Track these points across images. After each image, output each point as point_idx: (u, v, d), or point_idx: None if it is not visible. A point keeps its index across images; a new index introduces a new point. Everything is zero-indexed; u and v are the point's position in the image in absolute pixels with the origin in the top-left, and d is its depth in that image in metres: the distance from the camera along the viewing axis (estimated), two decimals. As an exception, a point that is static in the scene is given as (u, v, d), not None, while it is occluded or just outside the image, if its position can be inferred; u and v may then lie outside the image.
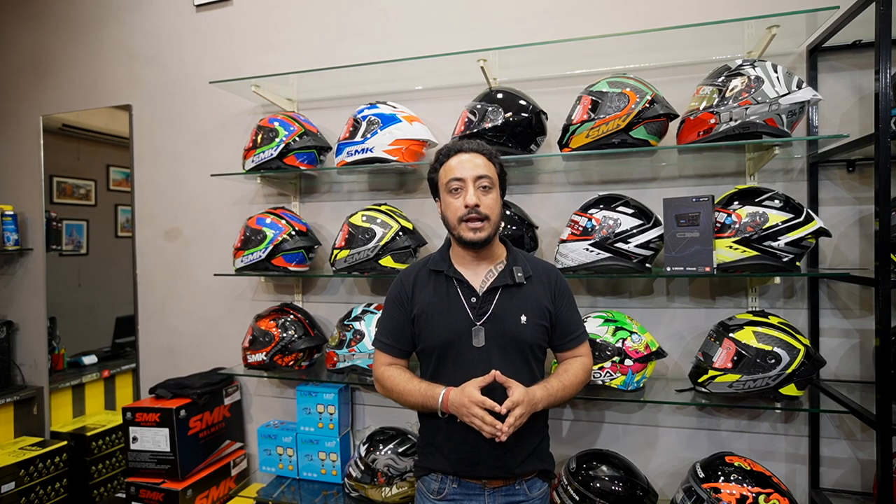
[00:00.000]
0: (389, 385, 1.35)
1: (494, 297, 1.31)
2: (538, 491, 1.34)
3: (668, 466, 1.85)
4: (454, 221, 1.30)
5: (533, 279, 1.35)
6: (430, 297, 1.34)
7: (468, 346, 1.28)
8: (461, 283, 1.33)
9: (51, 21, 2.71)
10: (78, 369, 2.73)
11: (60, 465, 2.46)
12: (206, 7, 2.42)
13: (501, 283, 1.32)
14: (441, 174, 1.34)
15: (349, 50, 2.17)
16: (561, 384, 1.30)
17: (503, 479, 1.30)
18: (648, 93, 1.56)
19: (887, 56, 1.26)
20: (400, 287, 1.39)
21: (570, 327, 1.39)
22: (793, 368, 1.45)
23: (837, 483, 1.70)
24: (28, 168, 2.72)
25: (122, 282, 2.59)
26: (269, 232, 1.99)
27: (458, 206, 1.28)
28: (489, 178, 1.29)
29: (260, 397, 2.35)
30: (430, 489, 1.34)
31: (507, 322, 1.29)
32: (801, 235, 1.45)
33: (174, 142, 2.49)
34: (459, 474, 1.31)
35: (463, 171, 1.28)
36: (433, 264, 1.38)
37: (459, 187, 1.29)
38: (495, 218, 1.30)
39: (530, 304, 1.32)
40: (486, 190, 1.29)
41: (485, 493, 1.30)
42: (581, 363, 1.38)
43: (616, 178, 1.89)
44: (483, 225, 1.27)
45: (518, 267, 1.34)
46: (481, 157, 1.31)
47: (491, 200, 1.29)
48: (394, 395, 1.34)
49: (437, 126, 2.02)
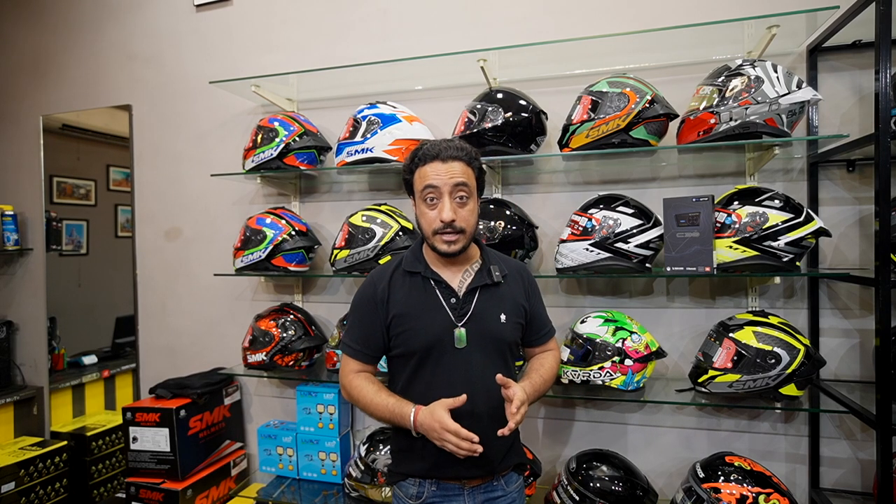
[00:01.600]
0: (356, 395, 1.30)
1: (474, 298, 1.29)
2: (514, 484, 1.34)
3: (668, 466, 1.85)
4: (428, 232, 1.25)
5: (508, 278, 1.34)
6: (407, 299, 1.29)
7: (450, 347, 1.25)
8: (440, 283, 1.29)
9: (51, 21, 2.71)
10: (78, 369, 2.73)
11: (60, 465, 2.46)
12: (205, 7, 2.42)
13: (480, 283, 1.30)
14: (416, 178, 1.27)
15: (349, 50, 2.17)
16: (542, 379, 1.32)
17: (481, 478, 1.29)
18: (648, 93, 1.56)
19: (887, 56, 1.26)
20: (373, 289, 1.32)
21: (542, 322, 1.42)
22: (793, 368, 1.45)
23: (837, 483, 1.70)
24: (28, 168, 2.72)
25: (122, 282, 2.59)
26: (269, 232, 1.99)
27: (432, 218, 1.23)
28: (467, 186, 1.23)
29: (260, 397, 2.35)
30: (409, 494, 1.30)
31: (488, 322, 1.28)
32: (801, 235, 1.45)
33: (174, 142, 2.49)
34: (439, 476, 1.28)
35: (439, 179, 1.22)
36: (408, 265, 1.32)
37: (435, 196, 1.23)
38: (471, 229, 1.26)
39: (508, 302, 1.31)
40: (462, 201, 1.24)
41: (464, 493, 1.29)
42: (554, 356, 1.42)
43: (616, 178, 1.89)
44: (458, 238, 1.24)
45: (495, 266, 1.33)
46: (459, 163, 1.24)
47: (467, 212, 1.24)
48: (360, 405, 1.30)
49: (437, 126, 2.02)
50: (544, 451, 1.96)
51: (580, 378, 1.62)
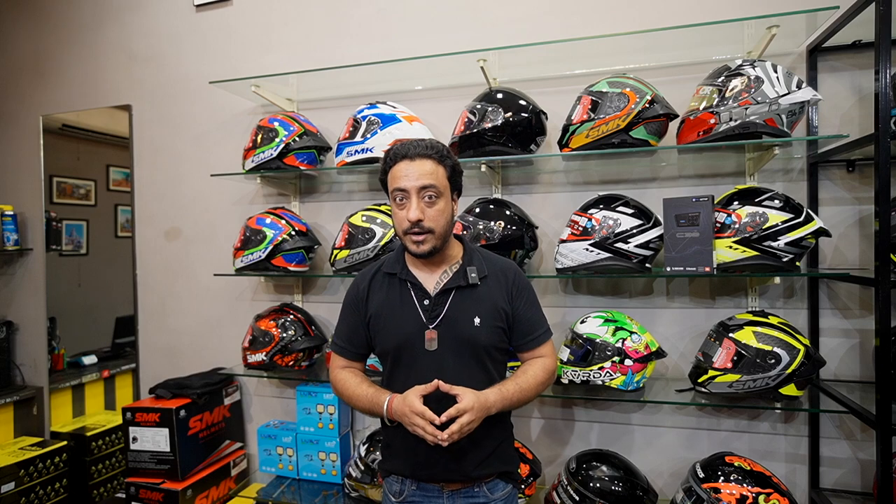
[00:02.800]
0: (340, 388, 1.34)
1: (448, 300, 1.27)
2: (501, 492, 1.31)
3: (668, 466, 1.85)
4: (400, 232, 1.26)
5: (489, 279, 1.30)
6: (383, 299, 1.31)
7: (421, 349, 1.25)
8: (414, 285, 1.30)
9: (51, 21, 2.71)
10: (78, 369, 2.73)
11: (60, 466, 2.46)
12: (205, 7, 2.42)
13: (454, 285, 1.27)
14: (388, 179, 1.27)
15: (349, 50, 2.17)
16: (518, 387, 1.25)
17: (461, 482, 1.28)
18: (648, 93, 1.56)
19: (887, 56, 1.26)
20: (355, 290, 1.36)
21: (530, 327, 1.33)
22: (793, 368, 1.46)
23: (837, 483, 1.70)
24: (28, 168, 2.72)
25: (122, 282, 2.59)
26: (269, 232, 1.99)
27: (402, 218, 1.23)
28: (434, 187, 1.21)
29: (260, 397, 2.35)
30: (392, 490, 1.33)
31: (460, 324, 1.25)
32: (801, 235, 1.45)
33: (174, 142, 2.49)
34: (417, 477, 1.29)
35: (407, 181, 1.21)
36: (387, 267, 1.34)
37: (403, 197, 1.23)
38: (441, 229, 1.24)
39: (484, 305, 1.27)
40: (430, 200, 1.22)
41: (444, 496, 1.28)
42: (542, 364, 1.32)
43: (616, 178, 1.89)
44: (426, 237, 1.22)
45: (472, 267, 1.29)
46: (429, 162, 1.22)
47: (435, 212, 1.22)
48: (344, 398, 1.33)
49: (437, 126, 2.02)
50: (544, 451, 1.96)
51: (580, 378, 1.62)
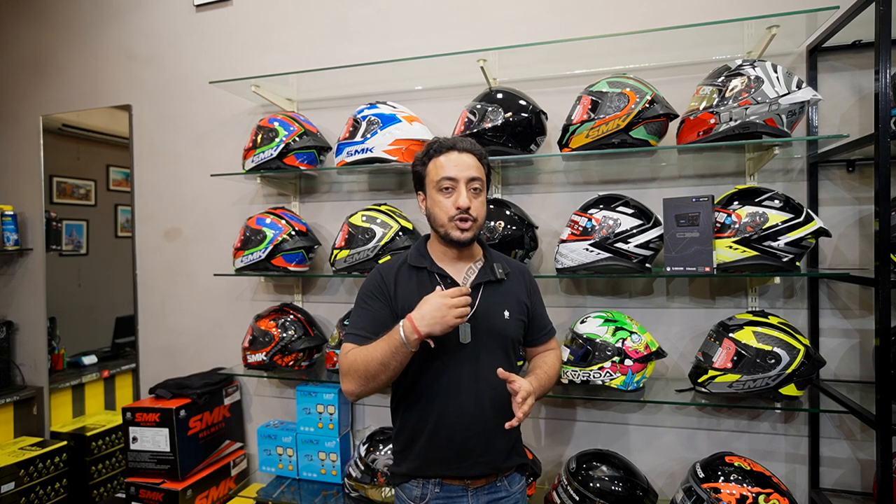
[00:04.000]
0: (352, 364, 1.21)
1: (479, 294, 1.30)
2: (518, 485, 1.35)
3: (668, 466, 1.85)
4: (443, 219, 1.27)
5: (511, 275, 1.37)
6: (413, 293, 1.27)
7: (455, 342, 1.26)
8: (445, 279, 1.30)
9: (51, 21, 2.71)
10: (78, 369, 2.73)
11: (60, 466, 2.46)
12: (205, 7, 2.42)
13: (485, 280, 1.32)
14: (430, 169, 1.31)
15: (349, 50, 2.17)
16: (547, 375, 1.34)
17: (485, 478, 1.29)
18: (648, 93, 1.56)
19: (887, 56, 1.26)
20: (380, 280, 1.32)
21: (542, 322, 1.44)
22: (793, 368, 1.45)
23: (837, 483, 1.70)
24: (28, 168, 2.72)
25: (122, 282, 2.59)
26: (269, 232, 1.99)
27: (448, 206, 1.26)
28: (480, 180, 1.29)
29: (260, 397, 2.35)
30: (412, 496, 1.29)
31: (493, 318, 1.30)
32: (801, 235, 1.45)
33: (174, 142, 2.49)
34: (444, 476, 1.28)
35: (457, 170, 1.27)
36: (413, 260, 1.34)
37: (451, 187, 1.27)
38: (482, 220, 1.31)
39: (511, 299, 1.34)
40: (476, 192, 1.28)
41: (468, 494, 1.28)
42: (556, 355, 1.43)
43: (616, 178, 1.89)
44: (471, 226, 1.27)
45: (498, 263, 1.36)
46: (473, 158, 1.30)
47: (480, 204, 1.29)
48: (361, 370, 1.19)
49: (437, 126, 2.01)
50: (544, 451, 1.96)
51: (580, 378, 1.62)
